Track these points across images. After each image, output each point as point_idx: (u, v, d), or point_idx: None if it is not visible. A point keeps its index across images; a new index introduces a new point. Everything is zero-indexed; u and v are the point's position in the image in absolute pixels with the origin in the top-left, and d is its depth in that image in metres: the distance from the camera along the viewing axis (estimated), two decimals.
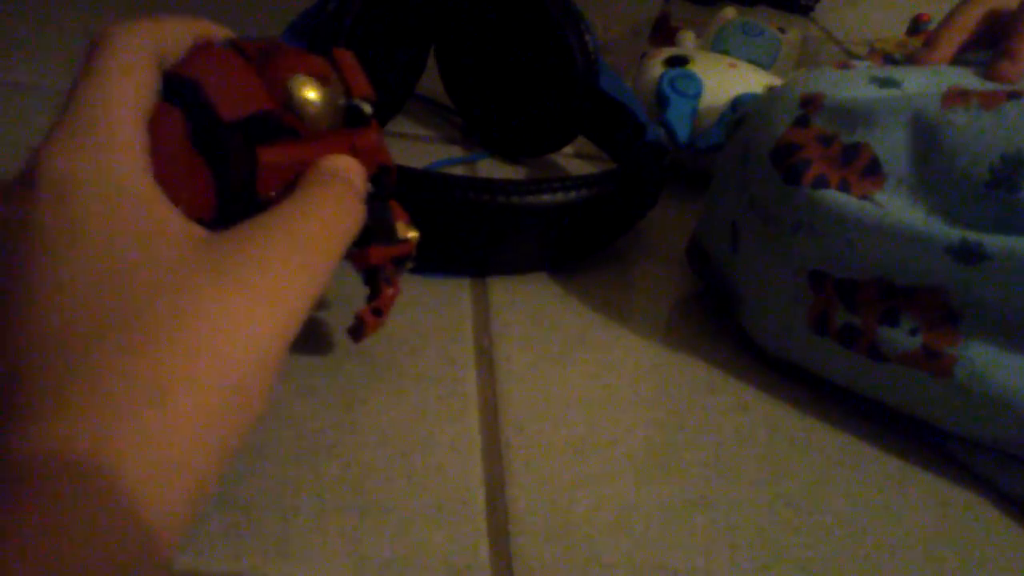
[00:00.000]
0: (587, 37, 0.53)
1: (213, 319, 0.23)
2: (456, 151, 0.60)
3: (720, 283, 0.47)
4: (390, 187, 0.34)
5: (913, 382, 0.39)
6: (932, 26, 0.87)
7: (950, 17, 0.46)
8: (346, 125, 0.31)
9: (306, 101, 0.29)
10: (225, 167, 0.28)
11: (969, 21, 0.46)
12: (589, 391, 0.41)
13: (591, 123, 0.55)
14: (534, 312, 0.46)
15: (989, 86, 0.41)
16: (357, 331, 0.37)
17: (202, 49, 0.30)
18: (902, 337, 0.38)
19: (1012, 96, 0.38)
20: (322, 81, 0.30)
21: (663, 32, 0.80)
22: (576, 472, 0.37)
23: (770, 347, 0.44)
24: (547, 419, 0.39)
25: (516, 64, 0.57)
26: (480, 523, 0.34)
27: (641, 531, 0.35)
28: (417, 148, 0.60)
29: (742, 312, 0.45)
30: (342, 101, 0.30)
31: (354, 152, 0.31)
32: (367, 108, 0.31)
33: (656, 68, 0.59)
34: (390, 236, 0.35)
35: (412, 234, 0.36)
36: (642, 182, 0.49)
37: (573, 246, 0.49)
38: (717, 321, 0.48)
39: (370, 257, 0.35)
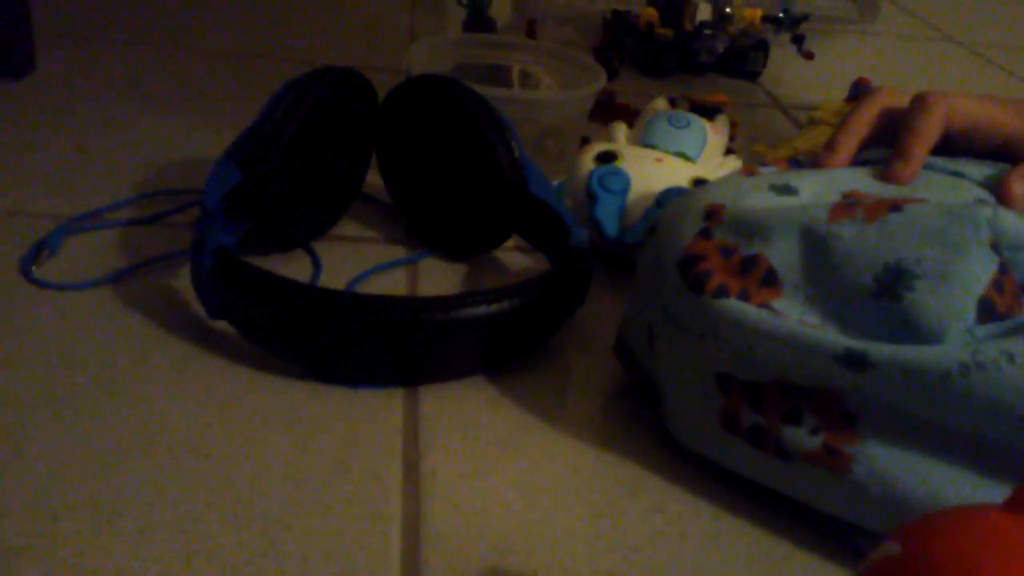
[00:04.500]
0: (513, 145, 0.56)
1: None
2: (399, 250, 0.63)
3: (644, 379, 0.49)
4: None
5: (817, 480, 0.41)
6: None
7: (847, 120, 0.49)
8: None
9: None
10: None
11: (865, 122, 0.48)
12: (511, 501, 0.43)
13: (522, 224, 0.58)
14: (464, 421, 0.48)
15: (885, 189, 0.44)
16: None
17: None
18: (804, 436, 0.40)
19: (894, 208, 0.40)
20: None
21: (607, 110, 0.83)
22: None
23: (688, 443, 0.46)
24: (467, 534, 0.41)
25: (451, 170, 0.59)
26: None
27: None
28: (361, 249, 0.62)
29: (662, 408, 0.47)
30: None
31: None
32: None
33: (586, 164, 0.61)
34: None
35: None
36: (566, 288, 0.51)
37: (503, 351, 0.51)
38: (644, 415, 0.49)
39: None
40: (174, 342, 0.50)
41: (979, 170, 0.46)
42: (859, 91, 0.93)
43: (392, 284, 0.59)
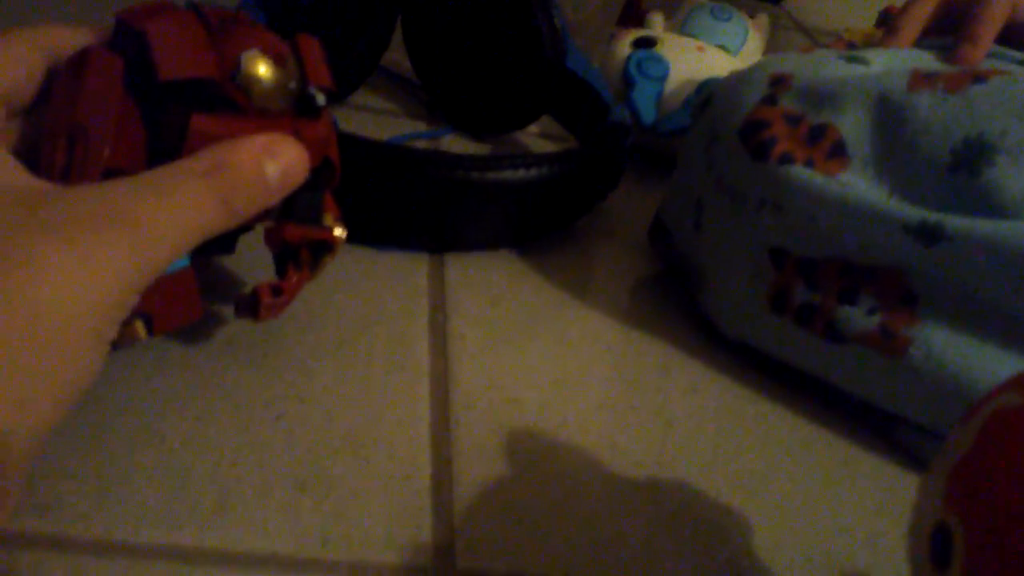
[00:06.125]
0: (555, 15, 0.52)
1: (25, 267, 0.23)
2: (420, 126, 0.59)
3: (681, 263, 0.47)
4: (331, 182, 0.33)
5: (867, 363, 0.39)
6: None
7: (909, 5, 0.47)
8: (296, 112, 0.30)
9: (254, 77, 0.28)
10: (156, 125, 0.28)
11: (927, 8, 0.47)
12: (542, 370, 0.41)
13: (557, 102, 0.55)
14: (491, 290, 0.45)
15: (952, 69, 0.41)
16: (249, 306, 0.34)
17: (161, 5, 0.29)
18: (860, 316, 0.38)
19: (978, 79, 0.38)
20: (276, 61, 0.29)
21: (633, 14, 0.80)
22: (524, 451, 0.36)
23: (727, 328, 0.44)
24: (498, 397, 0.39)
25: (483, 40, 0.56)
26: (425, 500, 0.33)
27: (587, 513, 0.34)
28: (381, 121, 0.59)
29: (702, 292, 0.45)
30: (294, 85, 0.30)
31: (297, 140, 0.30)
32: (321, 98, 0.30)
33: (623, 49, 0.58)
34: (313, 218, 0.34)
35: (339, 231, 0.35)
36: (604, 162, 0.48)
37: (533, 224, 0.48)
38: (675, 303, 0.47)
39: (284, 232, 0.33)
40: None
41: None
42: (888, 18, 0.90)
43: None
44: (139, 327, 0.30)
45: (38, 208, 0.24)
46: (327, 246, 0.35)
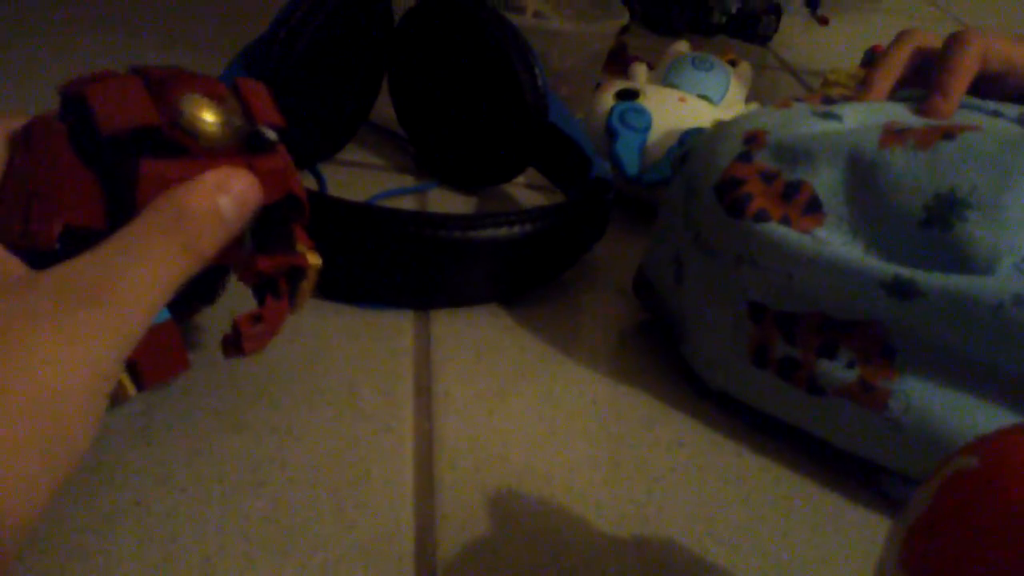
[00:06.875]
0: (536, 71, 0.53)
1: (21, 355, 0.24)
2: (407, 180, 0.60)
3: (664, 315, 0.48)
4: (299, 216, 0.34)
5: (849, 416, 0.39)
6: None
7: (882, 58, 0.48)
8: (247, 149, 0.31)
9: (197, 118, 0.29)
10: (109, 179, 0.28)
11: (900, 61, 0.48)
12: (527, 426, 0.41)
13: (540, 155, 0.55)
14: (476, 345, 0.46)
15: (924, 122, 0.42)
16: (233, 342, 0.34)
17: (101, 73, 0.30)
18: (839, 370, 0.39)
19: (947, 135, 0.39)
20: (217, 101, 0.30)
21: (618, 62, 0.81)
22: (508, 510, 0.36)
23: (711, 380, 0.44)
24: (482, 455, 0.39)
25: (467, 95, 0.57)
26: (408, 564, 0.33)
27: (571, 572, 0.34)
28: (368, 176, 0.59)
29: (685, 344, 0.45)
30: (239, 123, 0.30)
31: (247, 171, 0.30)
32: (271, 134, 0.31)
33: (607, 101, 0.59)
34: (285, 247, 0.34)
35: (313, 258, 0.35)
36: (588, 216, 0.49)
37: (518, 279, 0.49)
38: (661, 353, 0.48)
39: (257, 263, 0.33)
40: None
41: (1016, 111, 0.44)
42: (874, 59, 0.91)
43: None
44: (127, 384, 0.30)
45: (24, 296, 0.25)
46: (302, 272, 0.35)
